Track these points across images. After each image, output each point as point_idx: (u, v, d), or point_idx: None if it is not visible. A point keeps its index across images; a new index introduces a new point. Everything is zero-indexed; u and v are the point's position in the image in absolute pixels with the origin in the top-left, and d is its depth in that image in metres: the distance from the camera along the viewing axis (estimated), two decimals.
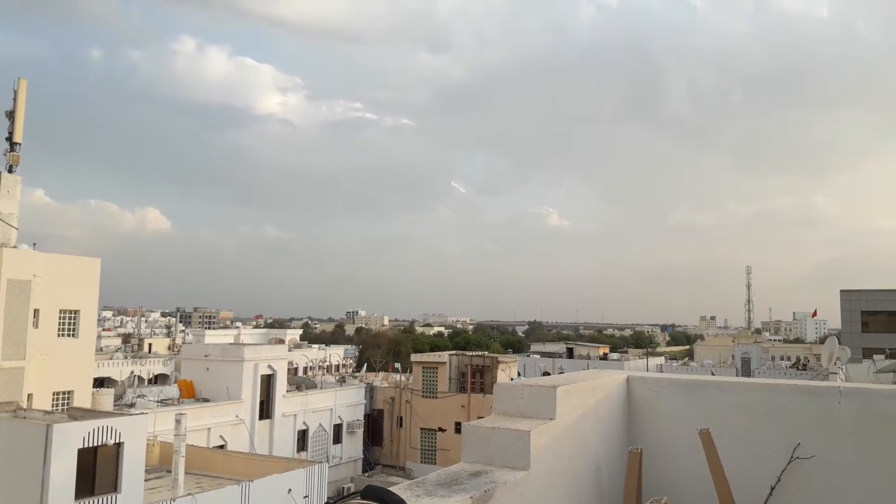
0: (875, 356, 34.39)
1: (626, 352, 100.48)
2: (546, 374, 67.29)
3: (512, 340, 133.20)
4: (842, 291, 60.75)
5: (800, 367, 66.60)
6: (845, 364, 30.75)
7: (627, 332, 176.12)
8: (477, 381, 42.94)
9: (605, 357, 77.77)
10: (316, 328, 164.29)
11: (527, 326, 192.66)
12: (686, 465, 3.42)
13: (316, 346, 72.23)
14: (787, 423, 3.40)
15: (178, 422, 18.80)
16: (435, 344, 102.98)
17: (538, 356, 77.69)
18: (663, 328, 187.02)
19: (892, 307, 57.54)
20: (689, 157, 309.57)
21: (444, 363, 44.36)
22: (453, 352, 49.99)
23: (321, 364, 58.60)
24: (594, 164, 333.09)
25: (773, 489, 3.34)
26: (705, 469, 3.32)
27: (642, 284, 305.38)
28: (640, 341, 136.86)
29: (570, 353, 77.51)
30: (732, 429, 3.50)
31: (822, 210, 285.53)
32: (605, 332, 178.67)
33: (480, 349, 79.59)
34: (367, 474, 40.59)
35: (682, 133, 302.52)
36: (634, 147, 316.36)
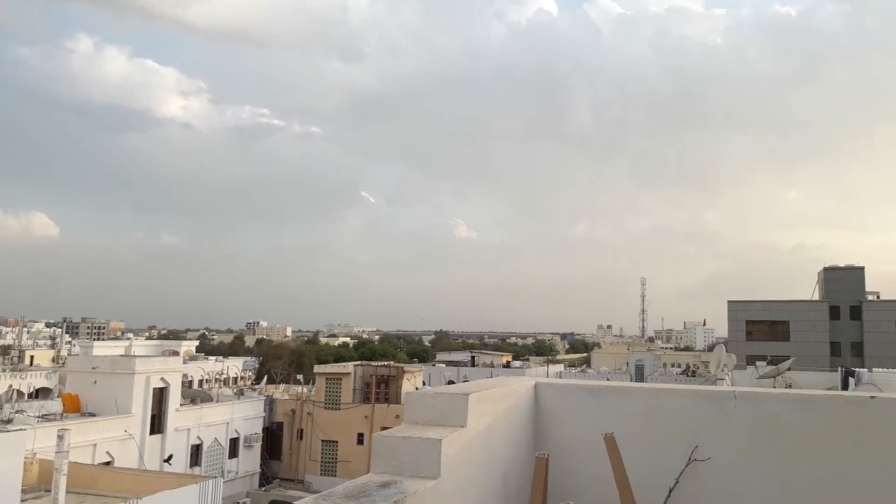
0: (758, 363, 36.66)
1: (528, 360, 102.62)
2: (451, 382, 67.67)
3: (418, 350, 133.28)
4: (728, 302, 64.57)
5: (689, 374, 70.09)
6: (731, 370, 32.66)
7: (530, 341, 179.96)
8: (382, 391, 42.63)
9: (507, 365, 79.08)
10: (213, 340, 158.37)
11: (433, 336, 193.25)
12: (591, 469, 3.46)
13: (213, 357, 69.59)
14: (686, 426, 3.51)
15: (60, 438, 17.58)
16: (340, 355, 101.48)
17: (443, 365, 77.96)
18: (563, 336, 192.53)
19: (773, 317, 61.65)
20: (591, 173, 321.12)
21: (349, 374, 43.76)
22: (358, 362, 49.43)
23: (218, 376, 56.47)
24: (502, 178, 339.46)
25: (671, 491, 3.43)
26: (609, 472, 3.37)
27: (545, 294, 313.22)
28: (541, 349, 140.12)
29: (473, 362, 78.33)
30: (634, 432, 3.58)
31: (711, 225, 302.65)
32: (508, 340, 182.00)
33: (386, 359, 79.17)
34: (263, 488, 39.37)
35: (586, 150, 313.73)
36: (541, 162, 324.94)
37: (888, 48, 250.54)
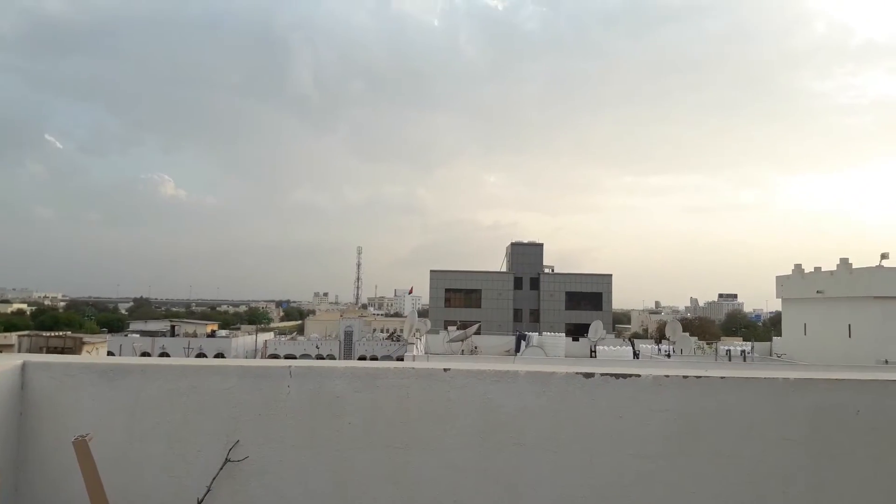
0: (448, 327, 39.06)
1: (238, 328, 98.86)
2: (145, 354, 62.22)
3: (112, 319, 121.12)
4: (431, 272, 68.48)
5: (394, 339, 73.37)
6: (425, 335, 34.27)
7: (243, 309, 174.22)
8: None
9: (212, 334, 74.99)
10: None
11: (132, 303, 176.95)
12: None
13: None
14: (228, 414, 2.65)
15: None
16: (11, 323, 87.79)
17: (137, 335, 71.32)
18: (278, 304, 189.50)
19: (468, 286, 66.70)
20: (311, 138, 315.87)
21: (12, 346, 37.42)
22: (25, 332, 42.67)
23: None
24: (217, 134, 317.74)
25: (200, 502, 2.56)
26: (112, 482, 2.39)
27: (261, 260, 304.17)
28: (253, 317, 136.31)
29: (173, 332, 72.86)
30: (158, 426, 2.63)
31: (423, 200, 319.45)
32: (219, 308, 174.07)
33: (73, 329, 70.10)
34: None
35: (306, 113, 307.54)
36: (259, 120, 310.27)
37: (572, 52, 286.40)
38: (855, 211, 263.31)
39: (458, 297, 66.49)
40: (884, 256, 32.36)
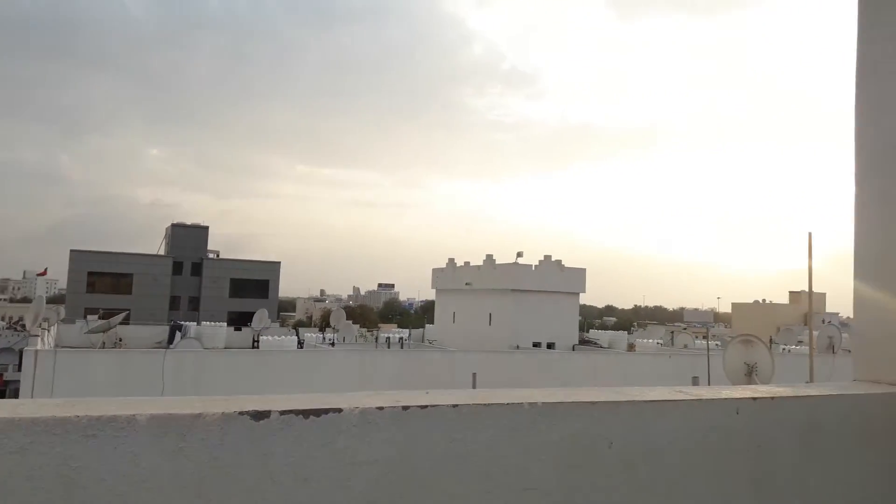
0: (89, 316, 34.18)
1: None
2: None
3: None
4: (71, 251, 60.02)
5: (18, 329, 62.35)
6: (56, 324, 29.27)
7: None
8: None
9: None
10: None
11: None
12: None
13: None
14: None
15: None
16: None
17: None
18: None
19: (117, 269, 59.80)
20: None
21: None
22: None
23: None
24: None
25: None
26: None
27: None
28: None
29: None
30: None
31: (67, 169, 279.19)
32: None
33: None
34: None
35: None
36: None
37: (253, 33, 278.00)
38: (500, 214, 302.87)
39: (104, 282, 59.25)
40: (519, 254, 36.80)
